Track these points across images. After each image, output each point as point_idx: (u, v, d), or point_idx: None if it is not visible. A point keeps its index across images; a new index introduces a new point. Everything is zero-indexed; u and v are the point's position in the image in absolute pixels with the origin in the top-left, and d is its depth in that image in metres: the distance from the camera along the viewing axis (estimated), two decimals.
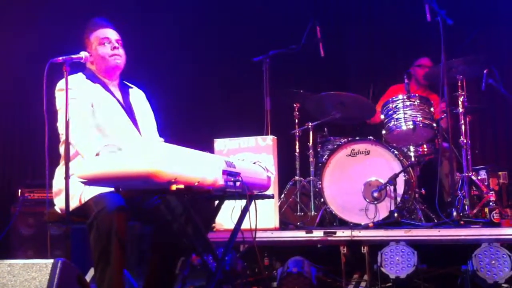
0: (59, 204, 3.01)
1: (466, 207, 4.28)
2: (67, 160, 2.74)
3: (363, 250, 3.78)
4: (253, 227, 2.89)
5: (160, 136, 3.41)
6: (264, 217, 3.89)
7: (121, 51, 3.23)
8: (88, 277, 2.99)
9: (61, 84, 3.02)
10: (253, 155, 4.03)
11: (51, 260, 2.31)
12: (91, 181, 2.51)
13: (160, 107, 3.53)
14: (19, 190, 4.96)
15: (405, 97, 4.60)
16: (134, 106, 3.27)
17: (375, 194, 4.37)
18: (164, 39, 6.35)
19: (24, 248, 4.83)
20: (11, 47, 5.50)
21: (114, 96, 3.19)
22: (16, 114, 5.87)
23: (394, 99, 4.66)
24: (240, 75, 6.03)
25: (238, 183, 2.69)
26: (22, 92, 5.81)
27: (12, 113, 5.84)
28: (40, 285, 2.27)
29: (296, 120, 5.26)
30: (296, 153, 5.20)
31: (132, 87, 3.39)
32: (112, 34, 3.24)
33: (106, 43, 3.19)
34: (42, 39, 5.50)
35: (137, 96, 3.36)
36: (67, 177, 2.70)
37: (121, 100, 3.22)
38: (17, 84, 5.66)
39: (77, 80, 3.10)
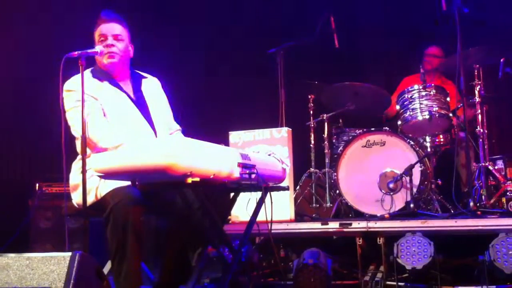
0: (76, 199, 3.03)
1: (483, 197, 4.25)
2: (84, 154, 2.75)
3: (379, 241, 3.76)
4: (269, 219, 2.89)
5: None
6: (280, 209, 3.89)
7: (119, 46, 3.10)
8: (106, 269, 3.00)
9: (68, 85, 2.99)
10: (268, 147, 4.03)
11: (69, 253, 2.33)
12: (107, 175, 2.52)
13: (175, 100, 3.52)
14: (37, 184, 5.00)
15: (420, 87, 4.56)
16: (147, 98, 3.22)
17: (391, 185, 4.35)
18: (178, 32, 6.35)
19: (42, 242, 4.86)
20: (23, 43, 5.53)
21: (124, 91, 3.14)
22: (32, 108, 5.90)
23: (410, 89, 4.63)
24: (254, 67, 6.02)
25: (253, 175, 2.69)
26: (39, 86, 5.84)
27: (29, 107, 5.88)
28: (58, 278, 2.29)
29: (311, 112, 5.24)
30: (311, 145, 5.19)
31: (146, 77, 3.32)
32: (110, 29, 3.10)
33: (103, 40, 3.09)
34: (55, 34, 5.51)
35: (150, 86, 3.30)
36: (83, 171, 2.71)
37: (132, 95, 3.16)
38: (34, 78, 5.69)
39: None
